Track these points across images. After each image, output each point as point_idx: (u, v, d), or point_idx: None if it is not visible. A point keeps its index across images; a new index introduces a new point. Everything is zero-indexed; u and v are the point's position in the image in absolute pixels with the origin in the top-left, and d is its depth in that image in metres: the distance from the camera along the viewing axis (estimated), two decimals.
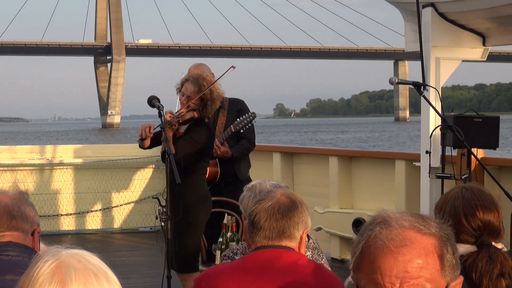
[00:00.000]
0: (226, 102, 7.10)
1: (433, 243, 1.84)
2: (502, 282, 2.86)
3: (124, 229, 11.70)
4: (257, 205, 3.11)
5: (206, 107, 6.27)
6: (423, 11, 7.28)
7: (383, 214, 1.89)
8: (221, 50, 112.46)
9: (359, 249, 1.86)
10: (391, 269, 1.80)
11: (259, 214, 3.07)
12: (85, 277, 1.56)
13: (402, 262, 1.80)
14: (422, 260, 1.81)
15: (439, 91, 7.03)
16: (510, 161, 8.65)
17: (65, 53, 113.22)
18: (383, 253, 1.81)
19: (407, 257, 1.80)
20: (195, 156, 6.23)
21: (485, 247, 2.94)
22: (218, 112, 7.00)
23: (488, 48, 7.78)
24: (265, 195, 3.16)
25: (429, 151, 6.78)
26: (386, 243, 1.81)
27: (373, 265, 1.82)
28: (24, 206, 2.91)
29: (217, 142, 6.82)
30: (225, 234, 5.88)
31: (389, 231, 1.83)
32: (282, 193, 3.15)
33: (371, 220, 1.89)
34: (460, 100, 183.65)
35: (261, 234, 3.06)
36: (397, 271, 1.79)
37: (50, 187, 11.45)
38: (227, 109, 7.08)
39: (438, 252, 1.84)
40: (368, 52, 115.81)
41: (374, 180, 9.22)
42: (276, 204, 3.09)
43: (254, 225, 3.08)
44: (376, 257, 1.82)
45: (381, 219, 1.87)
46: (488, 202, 3.04)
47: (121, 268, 8.57)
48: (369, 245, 1.84)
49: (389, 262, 1.80)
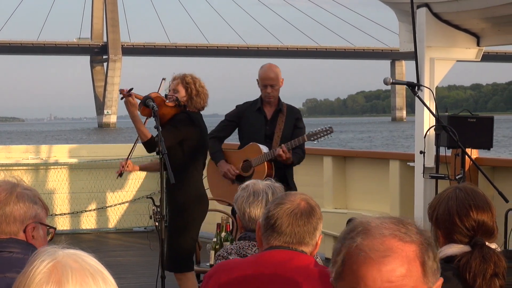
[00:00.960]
0: (284, 107, 6.94)
1: (414, 250, 1.83)
2: (495, 282, 2.87)
3: (119, 229, 11.70)
4: (278, 209, 3.07)
5: (192, 98, 6.30)
6: (418, 12, 7.29)
7: (363, 222, 1.87)
8: (218, 49, 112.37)
9: (341, 258, 1.85)
10: (375, 280, 1.79)
11: (281, 219, 3.04)
12: (82, 277, 1.56)
13: (386, 272, 1.79)
14: (405, 269, 1.81)
15: (433, 91, 7.04)
16: (504, 161, 8.67)
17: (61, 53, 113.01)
18: (366, 264, 1.80)
19: (390, 267, 1.80)
20: (185, 150, 6.22)
21: (479, 247, 2.94)
22: (277, 115, 6.89)
23: (483, 48, 7.79)
24: (284, 198, 3.13)
25: (423, 151, 6.78)
26: (368, 253, 1.80)
27: (356, 276, 1.81)
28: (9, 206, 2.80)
29: (284, 148, 6.64)
30: (219, 234, 5.89)
31: (371, 241, 1.82)
32: (302, 198, 3.13)
33: (351, 228, 1.87)
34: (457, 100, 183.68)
35: (281, 239, 3.05)
36: (381, 281, 1.79)
37: (45, 187, 11.44)
38: (285, 115, 6.91)
39: (420, 259, 1.83)
40: (365, 52, 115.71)
41: (369, 180, 9.23)
42: (298, 209, 3.07)
43: (275, 229, 3.05)
44: (359, 267, 1.81)
45: (361, 228, 1.85)
46: (481, 203, 3.05)
47: (115, 268, 8.52)
48: (351, 255, 1.82)
49: (373, 273, 1.80)
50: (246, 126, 6.97)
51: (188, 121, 6.23)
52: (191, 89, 6.29)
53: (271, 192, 3.82)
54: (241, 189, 3.93)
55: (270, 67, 6.93)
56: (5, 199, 2.81)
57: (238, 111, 7.07)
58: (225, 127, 7.10)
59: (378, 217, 1.90)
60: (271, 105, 6.92)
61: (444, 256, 3.01)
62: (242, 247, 3.75)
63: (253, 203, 3.81)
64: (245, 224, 3.84)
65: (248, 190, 3.86)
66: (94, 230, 11.65)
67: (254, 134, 6.87)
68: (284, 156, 6.63)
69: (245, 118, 6.98)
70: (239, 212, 3.88)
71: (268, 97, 6.85)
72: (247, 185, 3.92)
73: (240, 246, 3.78)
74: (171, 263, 6.16)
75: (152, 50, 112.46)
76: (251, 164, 6.83)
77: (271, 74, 6.84)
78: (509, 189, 6.86)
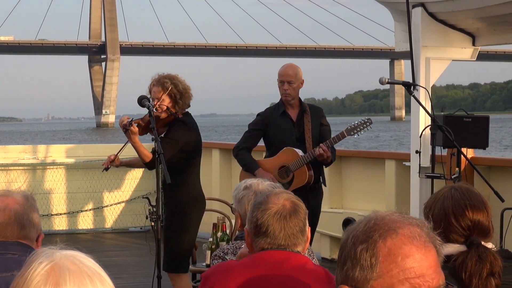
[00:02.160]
0: (307, 107, 6.73)
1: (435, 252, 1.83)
2: (491, 281, 2.87)
3: (115, 229, 11.69)
4: (266, 215, 3.06)
5: (177, 102, 6.27)
6: (413, 11, 7.30)
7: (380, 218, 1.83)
8: (216, 49, 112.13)
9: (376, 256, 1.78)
10: (429, 267, 1.78)
11: (273, 226, 3.04)
12: (80, 279, 1.56)
13: (431, 257, 1.79)
14: (438, 262, 1.82)
15: (429, 91, 7.05)
16: (499, 160, 8.69)
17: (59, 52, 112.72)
18: (417, 251, 1.77)
19: (432, 252, 1.80)
20: (182, 154, 6.22)
21: (475, 246, 2.95)
22: (303, 116, 6.68)
23: (478, 48, 7.80)
24: (268, 202, 3.10)
25: (419, 151, 6.79)
26: (414, 242, 1.78)
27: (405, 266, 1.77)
28: (31, 212, 2.99)
29: (323, 147, 6.44)
30: (215, 234, 5.89)
31: (408, 229, 1.79)
32: (285, 198, 3.11)
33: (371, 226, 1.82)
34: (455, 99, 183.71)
35: (275, 243, 3.06)
36: (427, 265, 1.78)
37: (42, 187, 11.45)
38: (310, 115, 6.68)
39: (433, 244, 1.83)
40: (364, 51, 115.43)
41: (364, 180, 9.24)
42: (284, 210, 3.06)
43: (267, 234, 3.05)
44: (406, 257, 1.77)
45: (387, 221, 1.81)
46: (477, 202, 3.05)
47: (111, 268, 8.47)
48: (394, 247, 1.78)
49: (422, 260, 1.77)
50: (273, 132, 6.74)
51: (184, 128, 6.24)
52: (174, 93, 6.25)
53: None
54: (244, 188, 3.90)
55: (290, 65, 6.78)
56: (28, 206, 2.98)
57: (262, 118, 6.83)
58: (251, 136, 6.87)
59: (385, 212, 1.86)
60: (294, 107, 6.72)
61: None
62: (239, 247, 3.74)
63: None
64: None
65: (253, 190, 3.84)
66: (90, 230, 11.64)
67: (284, 139, 6.66)
68: (325, 155, 6.45)
69: (271, 124, 6.75)
70: (242, 210, 3.85)
71: (285, 94, 6.65)
72: (250, 185, 3.89)
73: (236, 245, 3.78)
74: (166, 262, 6.15)
75: (150, 49, 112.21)
76: (290, 169, 6.60)
77: (289, 71, 6.67)
78: (504, 188, 6.87)
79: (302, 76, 6.72)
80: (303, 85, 6.74)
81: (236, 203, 3.94)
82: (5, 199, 3.00)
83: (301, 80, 6.71)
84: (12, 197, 3.00)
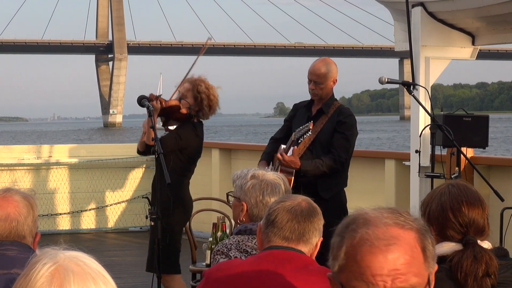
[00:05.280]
0: (332, 108, 6.02)
1: (414, 236, 1.90)
2: (487, 281, 2.87)
3: (115, 228, 11.71)
4: (279, 206, 3.11)
5: (203, 109, 6.31)
6: (413, 11, 7.30)
7: (361, 213, 1.93)
8: (224, 48, 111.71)
9: (343, 251, 1.89)
10: (382, 268, 1.84)
11: (281, 215, 3.07)
12: (83, 281, 1.57)
13: (392, 260, 1.85)
14: (409, 256, 1.87)
15: (428, 91, 7.05)
16: (499, 160, 8.69)
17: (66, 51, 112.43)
18: (371, 253, 1.85)
19: (396, 254, 1.85)
20: (180, 156, 6.27)
21: (471, 246, 2.95)
22: (321, 114, 6.01)
23: (478, 47, 7.80)
24: (286, 198, 3.18)
25: (419, 150, 6.79)
26: (373, 243, 1.85)
27: (361, 266, 1.86)
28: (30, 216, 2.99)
29: (281, 150, 5.85)
30: (215, 234, 5.89)
31: (374, 230, 1.87)
32: (303, 199, 3.16)
33: (350, 221, 1.93)
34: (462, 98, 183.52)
35: (280, 234, 3.07)
36: (388, 270, 1.84)
37: (46, 187, 11.48)
38: (329, 116, 5.99)
39: (420, 245, 1.90)
40: (373, 50, 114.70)
41: (364, 180, 9.23)
42: (298, 207, 3.10)
43: (274, 224, 3.08)
44: (363, 257, 1.86)
45: (362, 219, 1.91)
46: (473, 199, 3.06)
47: (112, 267, 8.50)
48: (354, 247, 1.87)
49: (380, 261, 1.85)
50: (294, 126, 6.11)
51: (192, 132, 6.32)
52: (202, 99, 6.28)
53: (282, 182, 3.80)
54: (251, 177, 3.85)
55: (322, 61, 6.08)
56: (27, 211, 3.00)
57: (292, 109, 6.35)
58: (282, 128, 6.36)
59: (373, 208, 1.96)
60: (319, 104, 6.07)
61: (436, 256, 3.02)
62: (242, 240, 3.71)
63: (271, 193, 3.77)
64: (255, 212, 3.77)
65: (262, 179, 3.80)
66: (92, 230, 11.66)
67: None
68: (282, 160, 5.76)
69: (295, 117, 6.22)
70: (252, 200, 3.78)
71: (311, 94, 6.04)
72: (257, 174, 3.85)
73: (239, 240, 3.74)
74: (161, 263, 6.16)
75: (158, 48, 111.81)
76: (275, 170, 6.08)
77: (317, 70, 5.99)
78: (504, 188, 6.87)
79: (335, 74, 6.04)
80: (335, 84, 6.06)
81: (241, 192, 3.87)
82: (7, 205, 2.97)
83: (333, 79, 6.01)
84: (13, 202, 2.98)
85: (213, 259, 3.70)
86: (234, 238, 3.75)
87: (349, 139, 6.02)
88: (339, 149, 5.98)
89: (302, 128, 5.74)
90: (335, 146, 5.96)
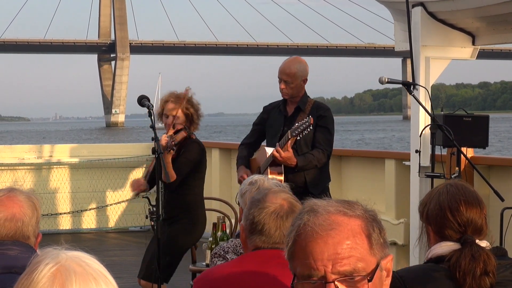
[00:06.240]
0: (308, 105, 6.06)
1: (359, 224, 1.95)
2: (485, 280, 2.88)
3: (115, 228, 11.73)
4: (263, 214, 3.06)
5: (193, 121, 6.31)
6: (413, 11, 7.29)
7: (311, 203, 1.99)
8: (227, 47, 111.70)
9: (292, 238, 1.96)
10: (322, 252, 1.90)
11: (268, 225, 3.04)
12: (85, 282, 1.57)
13: (332, 245, 1.90)
14: (351, 241, 1.91)
15: (429, 90, 7.05)
16: (499, 160, 8.69)
17: (68, 51, 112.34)
18: (313, 239, 1.91)
19: (336, 239, 1.91)
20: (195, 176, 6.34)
21: (469, 245, 2.95)
22: (298, 114, 6.03)
23: (478, 47, 7.79)
24: (266, 200, 3.11)
25: (419, 150, 6.79)
26: (315, 228, 1.92)
27: (306, 251, 1.92)
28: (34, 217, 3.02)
29: (277, 146, 5.83)
30: (215, 234, 5.89)
31: (317, 217, 1.94)
32: (283, 198, 3.12)
33: (300, 210, 2.00)
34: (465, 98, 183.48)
35: (269, 241, 3.06)
36: (328, 254, 1.90)
37: (48, 186, 11.51)
38: (307, 113, 5.97)
39: (365, 232, 1.94)
40: (376, 50, 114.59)
41: (364, 180, 9.23)
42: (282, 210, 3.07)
43: (263, 233, 3.06)
44: (307, 243, 1.92)
45: (309, 208, 1.97)
46: (471, 198, 3.07)
47: (112, 267, 8.50)
48: (300, 233, 1.94)
49: (320, 246, 1.90)
50: (267, 127, 6.23)
51: (198, 149, 6.37)
52: (191, 113, 6.29)
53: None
54: (248, 183, 3.89)
55: (293, 61, 6.13)
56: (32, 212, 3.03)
57: (263, 112, 6.35)
58: (252, 132, 6.41)
59: (325, 199, 2.02)
60: (293, 103, 6.11)
61: (434, 256, 3.02)
62: (239, 244, 3.73)
63: None
64: None
65: (257, 186, 3.82)
66: (92, 229, 11.68)
67: (273, 137, 6.11)
68: (279, 157, 5.79)
69: (269, 119, 6.24)
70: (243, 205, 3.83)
71: (282, 93, 6.09)
72: (255, 180, 3.88)
73: (236, 243, 3.76)
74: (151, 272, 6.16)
75: (160, 48, 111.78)
76: (260, 171, 6.04)
77: (287, 69, 6.05)
78: (504, 188, 6.87)
79: (305, 73, 6.08)
80: (306, 83, 6.11)
81: (240, 197, 3.94)
82: (12, 205, 2.99)
83: (303, 78, 6.06)
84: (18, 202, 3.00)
85: (211, 262, 3.72)
86: (233, 242, 3.79)
87: (331, 132, 6.09)
88: (324, 142, 6.04)
89: (300, 125, 5.72)
90: (320, 140, 6.02)
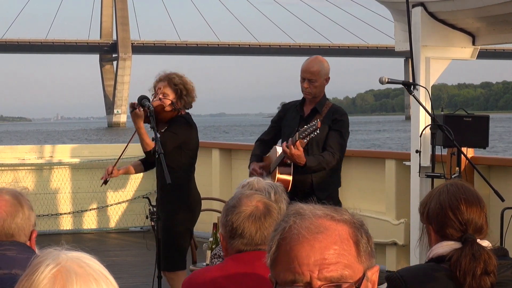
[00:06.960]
0: (325, 107, 6.02)
1: (347, 230, 1.83)
2: (486, 280, 2.88)
3: (115, 228, 11.73)
4: (241, 218, 3.05)
5: (182, 98, 6.30)
6: (413, 11, 7.30)
7: (296, 207, 1.88)
8: (229, 47, 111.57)
9: (275, 242, 1.84)
10: (309, 257, 1.78)
11: (248, 227, 3.04)
12: (86, 283, 1.56)
13: (319, 249, 1.79)
14: (338, 246, 1.80)
15: (429, 91, 7.06)
16: (499, 160, 8.69)
17: (70, 51, 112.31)
18: (299, 242, 1.80)
19: (323, 243, 1.79)
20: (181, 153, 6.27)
21: (469, 244, 2.95)
22: (314, 115, 5.98)
23: (478, 47, 7.80)
24: (241, 204, 3.09)
25: (419, 150, 6.79)
26: (301, 231, 1.80)
27: (290, 255, 1.80)
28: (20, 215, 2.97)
29: (284, 145, 5.76)
30: (216, 234, 5.89)
31: (304, 221, 1.82)
32: (257, 200, 3.11)
33: (285, 214, 1.88)
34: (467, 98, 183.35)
35: (251, 243, 3.06)
36: (314, 259, 1.78)
37: (49, 187, 11.52)
38: (323, 116, 5.95)
39: (353, 239, 1.83)
40: (378, 50, 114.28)
41: (364, 180, 9.23)
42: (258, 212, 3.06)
43: (243, 236, 3.05)
44: (292, 247, 1.80)
45: (294, 211, 1.86)
46: (472, 198, 3.07)
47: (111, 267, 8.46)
48: (285, 236, 1.82)
49: (306, 250, 1.79)
50: (283, 126, 6.19)
51: (185, 124, 6.28)
52: (180, 89, 6.29)
53: (273, 192, 3.79)
54: (242, 185, 3.90)
55: (315, 60, 6.09)
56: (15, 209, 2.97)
57: (280, 111, 6.33)
58: (270, 129, 6.36)
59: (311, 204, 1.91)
60: (312, 103, 6.07)
61: (435, 255, 3.02)
62: None
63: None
64: None
65: (250, 187, 3.83)
66: (93, 230, 11.69)
67: (288, 136, 5.96)
68: (289, 152, 5.68)
69: (286, 117, 6.20)
70: None
71: (305, 92, 6.02)
72: (249, 183, 3.89)
73: None
74: (162, 261, 6.17)
75: (162, 48, 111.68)
76: (270, 171, 6.01)
77: (312, 67, 6.00)
78: (505, 188, 6.87)
79: (328, 72, 6.07)
80: (328, 82, 6.08)
81: None
82: None
83: (326, 77, 6.05)
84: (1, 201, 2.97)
85: (211, 263, 3.73)
86: None
87: (344, 137, 6.03)
88: (335, 146, 5.97)
89: (308, 127, 5.67)
90: (331, 143, 5.97)
